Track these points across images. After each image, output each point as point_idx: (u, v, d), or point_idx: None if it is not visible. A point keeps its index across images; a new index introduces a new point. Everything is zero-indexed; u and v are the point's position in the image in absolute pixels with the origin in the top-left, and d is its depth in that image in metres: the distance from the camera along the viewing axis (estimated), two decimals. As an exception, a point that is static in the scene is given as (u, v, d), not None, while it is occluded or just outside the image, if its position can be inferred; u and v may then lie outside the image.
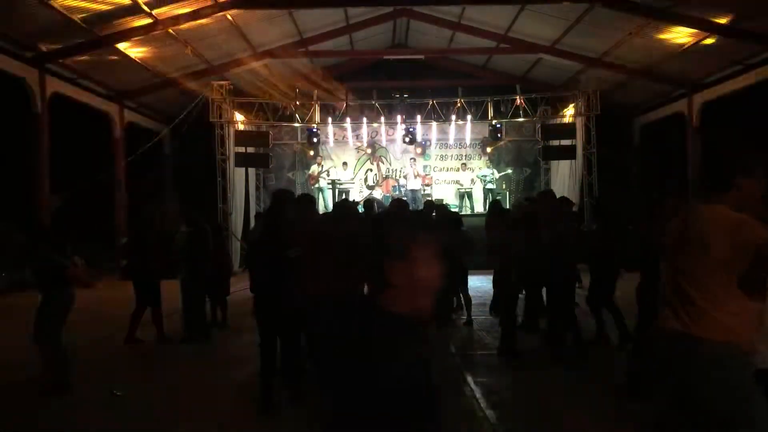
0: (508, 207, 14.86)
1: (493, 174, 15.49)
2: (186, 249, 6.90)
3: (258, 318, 4.44)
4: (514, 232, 6.08)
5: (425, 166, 16.72)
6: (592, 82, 14.36)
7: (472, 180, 15.77)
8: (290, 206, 4.74)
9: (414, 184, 15.33)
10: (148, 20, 11.05)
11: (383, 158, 16.93)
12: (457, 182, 16.14)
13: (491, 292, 8.42)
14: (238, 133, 15.04)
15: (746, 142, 2.73)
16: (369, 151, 16.52)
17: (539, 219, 5.86)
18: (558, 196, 6.72)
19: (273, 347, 4.39)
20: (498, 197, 14.77)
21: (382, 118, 15.80)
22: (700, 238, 2.31)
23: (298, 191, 16.42)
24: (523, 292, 6.97)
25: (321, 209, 13.66)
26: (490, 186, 15.37)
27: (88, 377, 5.29)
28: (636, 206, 9.61)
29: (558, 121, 16.14)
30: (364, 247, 4.57)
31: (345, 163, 16.03)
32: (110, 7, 10.32)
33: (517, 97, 15.37)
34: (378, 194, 15.26)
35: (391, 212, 4.91)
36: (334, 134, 16.20)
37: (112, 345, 6.73)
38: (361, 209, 8.27)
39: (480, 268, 8.65)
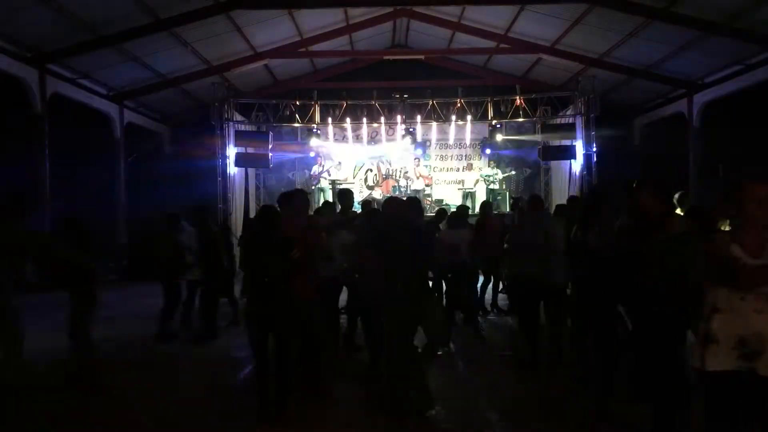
0: (508, 207, 14.99)
1: (496, 174, 15.51)
2: (202, 249, 7.06)
3: (250, 320, 4.46)
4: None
5: (426, 166, 16.74)
6: (592, 82, 14.35)
7: (476, 180, 15.78)
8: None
9: (417, 184, 15.38)
10: (149, 20, 11.05)
11: (383, 158, 16.95)
12: (460, 182, 16.16)
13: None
14: (238, 133, 15.04)
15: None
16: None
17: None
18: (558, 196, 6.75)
19: (266, 348, 4.39)
20: (498, 197, 14.83)
21: (382, 118, 15.82)
22: None
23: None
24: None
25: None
26: (493, 186, 15.39)
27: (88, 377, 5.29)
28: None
29: (558, 121, 16.14)
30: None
31: (339, 163, 16.04)
32: (111, 7, 10.33)
33: (517, 97, 15.40)
34: (377, 194, 15.26)
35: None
36: (334, 134, 16.21)
37: (112, 344, 6.74)
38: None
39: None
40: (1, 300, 4.50)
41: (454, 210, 8.83)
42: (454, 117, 15.61)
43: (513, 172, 16.34)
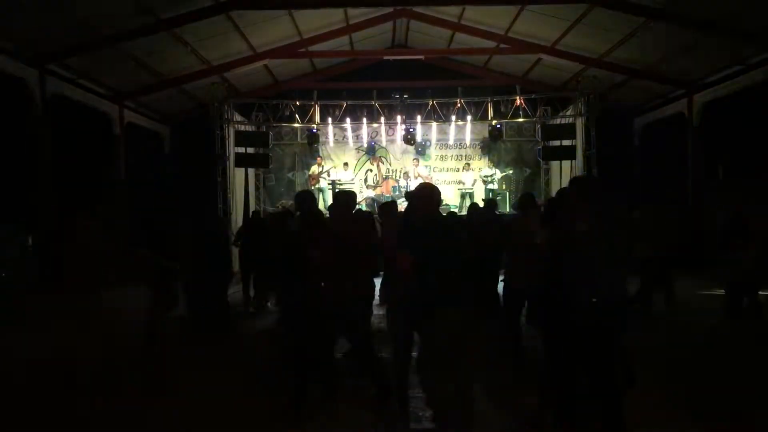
0: (508, 208, 15.02)
1: (494, 175, 15.50)
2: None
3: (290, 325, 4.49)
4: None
5: (426, 167, 16.74)
6: (592, 82, 14.35)
7: (475, 180, 15.77)
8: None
9: (416, 184, 15.36)
10: (149, 20, 11.05)
11: (383, 159, 16.96)
12: (459, 182, 16.15)
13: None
14: (238, 133, 15.05)
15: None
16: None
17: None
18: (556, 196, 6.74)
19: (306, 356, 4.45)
20: (498, 197, 14.83)
21: (382, 119, 15.82)
22: None
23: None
24: None
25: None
26: (491, 186, 15.39)
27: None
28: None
29: (558, 121, 16.15)
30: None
31: (346, 164, 16.06)
32: (111, 7, 10.33)
33: (517, 97, 15.40)
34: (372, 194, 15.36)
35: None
36: (334, 134, 16.22)
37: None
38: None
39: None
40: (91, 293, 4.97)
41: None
42: (454, 117, 15.62)
43: (511, 172, 16.35)
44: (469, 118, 15.61)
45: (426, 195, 4.09)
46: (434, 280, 3.77)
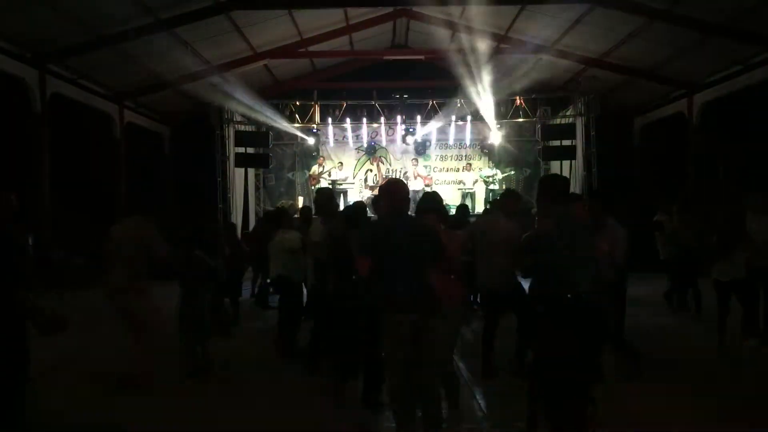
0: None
1: (495, 175, 15.51)
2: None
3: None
4: None
5: (426, 167, 16.76)
6: (592, 82, 14.34)
7: (476, 180, 15.79)
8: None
9: (415, 185, 15.37)
10: (149, 20, 11.05)
11: (383, 159, 16.97)
12: (460, 182, 16.16)
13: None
14: (238, 133, 15.05)
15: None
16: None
17: None
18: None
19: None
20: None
21: (382, 119, 15.82)
22: None
23: (299, 191, 16.50)
24: None
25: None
26: (492, 187, 15.40)
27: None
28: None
29: (558, 121, 16.15)
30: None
31: (341, 163, 16.07)
32: (111, 7, 10.32)
33: (517, 97, 15.40)
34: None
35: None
36: (334, 134, 16.23)
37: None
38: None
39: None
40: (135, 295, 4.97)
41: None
42: (454, 117, 15.62)
43: (512, 172, 16.36)
44: (469, 118, 15.61)
45: (392, 191, 3.91)
46: (397, 281, 3.62)
